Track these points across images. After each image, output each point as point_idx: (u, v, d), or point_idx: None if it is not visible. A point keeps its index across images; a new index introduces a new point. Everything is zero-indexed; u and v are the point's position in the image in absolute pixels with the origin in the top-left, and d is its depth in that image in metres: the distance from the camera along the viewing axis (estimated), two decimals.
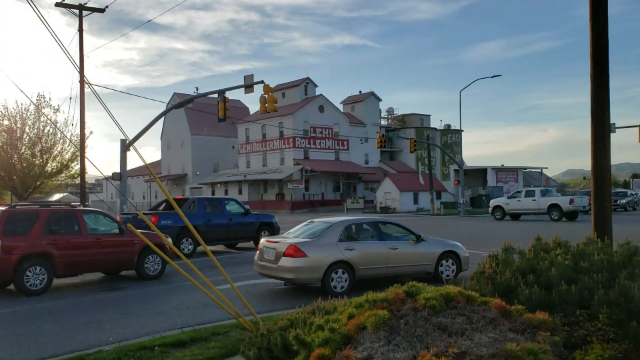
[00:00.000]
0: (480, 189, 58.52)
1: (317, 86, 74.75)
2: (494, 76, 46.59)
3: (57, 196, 58.78)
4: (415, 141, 46.85)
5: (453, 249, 12.68)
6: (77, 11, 24.80)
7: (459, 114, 50.10)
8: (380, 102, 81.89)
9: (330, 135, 72.11)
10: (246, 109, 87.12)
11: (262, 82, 25.84)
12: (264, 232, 21.15)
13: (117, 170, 25.93)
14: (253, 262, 12.17)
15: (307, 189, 66.99)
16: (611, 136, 9.47)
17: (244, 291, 10.47)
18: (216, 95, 26.04)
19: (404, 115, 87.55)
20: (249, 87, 26.50)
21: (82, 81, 24.24)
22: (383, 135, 47.29)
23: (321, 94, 72.80)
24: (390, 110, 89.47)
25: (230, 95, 26.70)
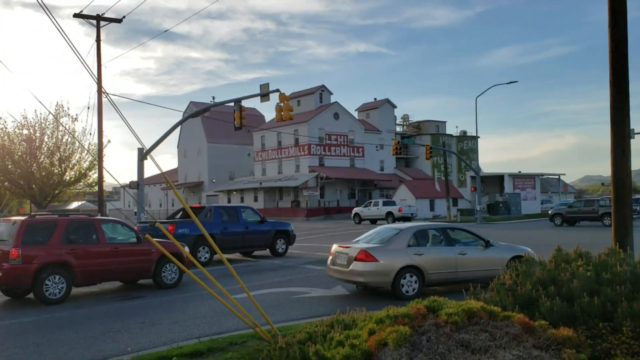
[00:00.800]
0: (497, 196, 57.99)
1: (332, 94, 74.89)
2: (510, 82, 46.23)
3: (75, 204, 59.46)
4: (430, 148, 46.61)
5: (522, 254, 12.52)
6: (94, 22, 25.10)
7: (475, 120, 49.83)
8: (395, 109, 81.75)
9: (346, 142, 72.08)
10: (262, 116, 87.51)
11: (278, 90, 25.94)
12: (280, 240, 21.17)
13: (134, 178, 26.16)
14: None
15: (322, 196, 66.95)
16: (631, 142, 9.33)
17: (260, 300, 10.45)
18: (232, 103, 26.16)
19: (419, 122, 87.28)
20: (264, 95, 26.62)
21: (100, 91, 24.51)
22: (398, 142, 47.13)
23: (336, 102, 72.89)
24: (405, 117, 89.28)
25: (246, 103, 26.83)
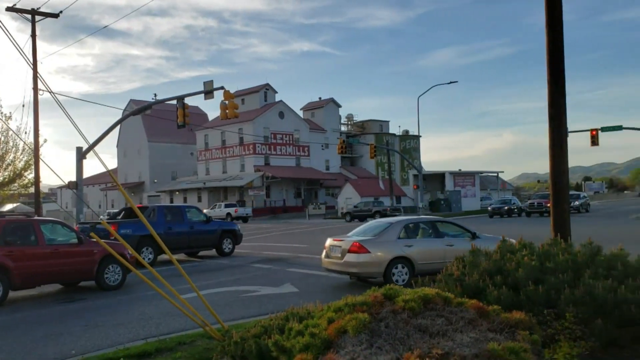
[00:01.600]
0: (439, 193, 59.40)
1: (276, 92, 74.71)
2: (451, 82, 47.42)
3: (9, 206, 56.73)
4: (375, 147, 47.27)
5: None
6: (29, 16, 24.08)
7: (417, 119, 50.87)
8: (340, 108, 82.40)
9: (291, 142, 72.06)
10: (205, 115, 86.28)
11: (222, 87, 25.63)
12: (226, 240, 20.92)
13: (71, 178, 25.22)
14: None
15: (268, 195, 66.69)
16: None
17: (208, 300, 10.22)
18: (175, 101, 25.68)
19: (364, 121, 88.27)
20: (208, 93, 26.22)
21: (36, 87, 23.53)
22: (344, 141, 47.56)
23: (281, 100, 72.74)
24: (349, 117, 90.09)
25: (188, 101, 26.40)
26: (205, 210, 52.90)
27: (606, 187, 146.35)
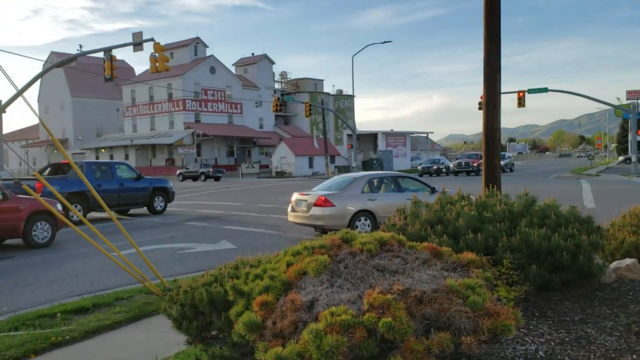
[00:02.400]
0: (372, 153, 60.40)
1: (207, 47, 72.54)
2: (385, 42, 47.67)
3: None
4: (310, 105, 47.14)
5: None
6: None
7: (352, 79, 51.01)
8: (273, 65, 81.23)
9: (223, 98, 70.61)
10: (131, 69, 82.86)
11: (152, 39, 24.69)
12: (158, 198, 20.48)
13: None
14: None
15: (199, 154, 65.45)
16: None
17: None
18: (100, 54, 24.51)
19: (298, 80, 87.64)
20: (137, 45, 25.19)
21: None
22: (279, 98, 47.11)
23: (212, 55, 70.78)
24: (283, 74, 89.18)
25: (114, 54, 25.21)
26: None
27: (529, 148, 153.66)
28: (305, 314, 2.56)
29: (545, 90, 41.58)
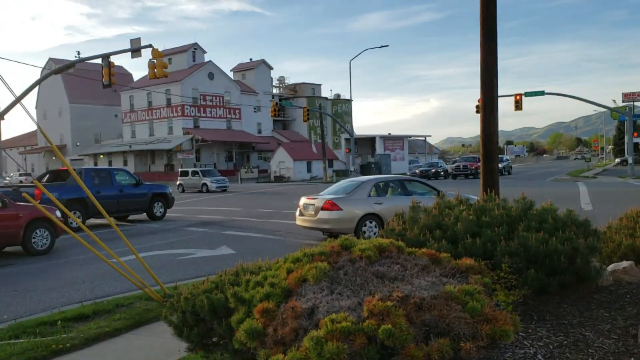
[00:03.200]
0: (370, 157, 60.43)
1: (205, 52, 72.61)
2: (382, 46, 47.84)
3: None
4: (308, 110, 47.22)
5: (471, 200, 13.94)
6: None
7: (349, 83, 51.16)
8: (271, 71, 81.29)
9: (221, 104, 70.64)
10: (130, 75, 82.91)
11: (151, 45, 24.74)
12: (158, 204, 20.48)
13: None
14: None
15: (198, 159, 65.42)
16: None
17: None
18: (98, 60, 24.54)
19: (296, 84, 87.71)
20: (136, 51, 25.22)
21: None
22: (277, 103, 47.19)
23: (210, 61, 70.83)
24: (281, 79, 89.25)
25: (113, 60, 25.27)
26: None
27: (527, 151, 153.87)
28: (305, 321, 2.59)
29: (542, 93, 41.71)
